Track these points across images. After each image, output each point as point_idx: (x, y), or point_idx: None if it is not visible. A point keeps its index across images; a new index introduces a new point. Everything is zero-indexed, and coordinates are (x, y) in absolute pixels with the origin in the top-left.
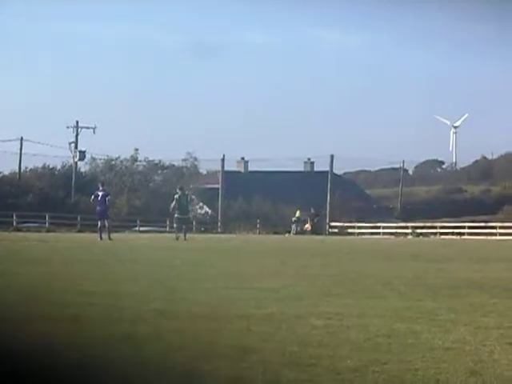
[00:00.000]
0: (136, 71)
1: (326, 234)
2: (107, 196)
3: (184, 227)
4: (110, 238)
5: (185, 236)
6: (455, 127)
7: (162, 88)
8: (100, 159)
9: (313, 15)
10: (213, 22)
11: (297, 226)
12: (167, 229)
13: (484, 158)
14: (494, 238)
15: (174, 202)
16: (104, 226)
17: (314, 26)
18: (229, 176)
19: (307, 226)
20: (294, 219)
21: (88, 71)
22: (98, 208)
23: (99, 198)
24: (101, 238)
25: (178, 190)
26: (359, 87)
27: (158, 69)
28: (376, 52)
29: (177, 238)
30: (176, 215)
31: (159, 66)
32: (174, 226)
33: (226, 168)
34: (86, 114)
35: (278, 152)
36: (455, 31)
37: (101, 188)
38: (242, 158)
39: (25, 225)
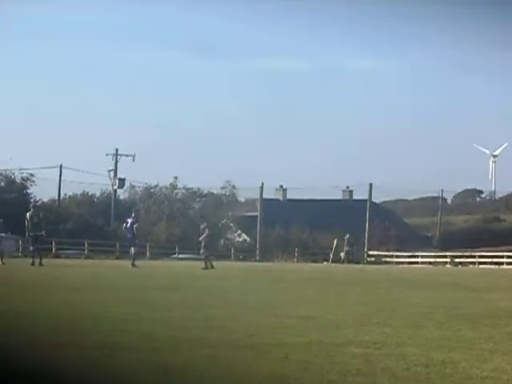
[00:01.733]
0: (175, 99)
1: (363, 262)
2: (134, 224)
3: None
4: (133, 265)
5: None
6: (494, 156)
7: (201, 116)
8: (139, 187)
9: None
10: (243, 47)
11: (334, 255)
12: None
13: None
14: None
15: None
16: (133, 252)
17: (342, 53)
18: (267, 204)
19: (342, 255)
20: (332, 247)
21: (127, 99)
22: (128, 235)
23: (128, 226)
24: (133, 265)
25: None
26: (395, 116)
27: (197, 97)
28: (413, 79)
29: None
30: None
31: (197, 94)
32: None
33: (264, 196)
34: (125, 142)
35: (316, 180)
36: (494, 58)
37: (133, 215)
38: (281, 186)
39: (64, 251)
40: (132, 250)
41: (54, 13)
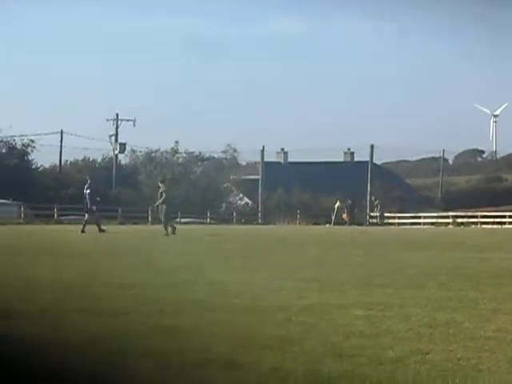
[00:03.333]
0: (174, 63)
1: (366, 224)
2: (87, 190)
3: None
4: (82, 231)
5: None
6: (495, 116)
7: (201, 80)
8: (140, 152)
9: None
10: (234, 15)
11: (336, 217)
12: (208, 220)
13: None
14: None
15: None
16: (93, 218)
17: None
18: (269, 167)
19: (344, 216)
20: (334, 209)
21: (128, 64)
22: (84, 202)
23: (84, 192)
24: (100, 230)
25: (159, 183)
26: (397, 76)
27: (197, 61)
28: (414, 40)
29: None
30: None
31: (198, 57)
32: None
33: (265, 159)
34: (125, 107)
35: (317, 142)
36: (491, 18)
37: (88, 181)
38: (282, 149)
39: (66, 217)
40: (86, 216)
41: None
